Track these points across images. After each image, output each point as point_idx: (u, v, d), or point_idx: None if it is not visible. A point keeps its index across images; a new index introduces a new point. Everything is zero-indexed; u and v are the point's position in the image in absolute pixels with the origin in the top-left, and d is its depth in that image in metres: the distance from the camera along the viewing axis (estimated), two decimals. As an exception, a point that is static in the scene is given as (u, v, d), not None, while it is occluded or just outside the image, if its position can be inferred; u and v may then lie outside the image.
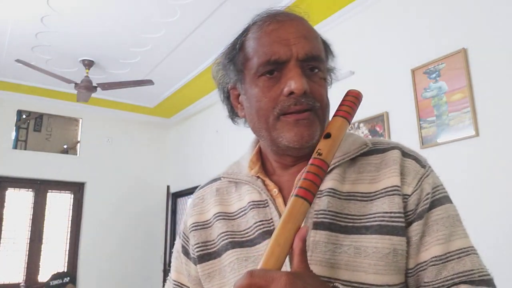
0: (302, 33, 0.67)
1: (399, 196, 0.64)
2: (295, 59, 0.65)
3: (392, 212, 0.63)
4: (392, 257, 0.61)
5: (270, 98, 0.65)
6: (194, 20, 3.39)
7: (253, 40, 0.69)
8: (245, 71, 0.69)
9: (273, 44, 0.65)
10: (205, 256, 0.72)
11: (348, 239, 0.62)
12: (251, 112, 0.69)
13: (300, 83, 0.63)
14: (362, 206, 0.65)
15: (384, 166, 0.67)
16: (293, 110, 0.64)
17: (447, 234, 0.63)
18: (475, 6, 2.34)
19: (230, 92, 0.75)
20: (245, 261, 0.67)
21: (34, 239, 4.84)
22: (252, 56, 0.67)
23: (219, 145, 4.69)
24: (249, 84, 0.68)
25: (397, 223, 0.62)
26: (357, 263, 0.61)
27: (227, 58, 0.73)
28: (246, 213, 0.71)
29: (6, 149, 4.79)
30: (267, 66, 0.65)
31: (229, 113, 0.79)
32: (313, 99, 0.65)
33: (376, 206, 0.64)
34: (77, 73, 4.22)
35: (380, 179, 0.66)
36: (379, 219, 0.63)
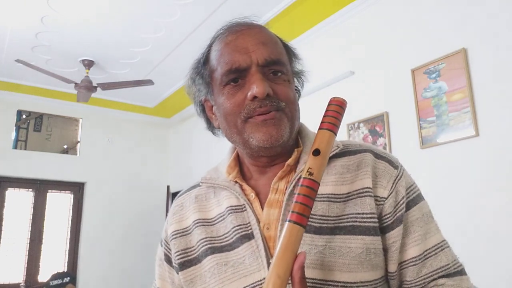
0: (260, 40, 0.69)
1: (371, 197, 0.66)
2: (255, 65, 0.67)
3: (364, 213, 0.65)
4: (365, 256, 0.63)
5: (235, 103, 0.68)
6: (194, 20, 3.39)
7: (215, 52, 0.72)
8: (212, 82, 0.72)
9: (232, 53, 0.68)
10: (186, 263, 0.73)
11: (322, 239, 0.64)
12: (222, 120, 0.72)
13: (261, 87, 0.65)
14: (335, 207, 0.66)
15: (356, 168, 0.69)
16: (258, 112, 0.66)
17: (423, 233, 0.67)
18: (475, 6, 2.34)
19: (205, 105, 0.78)
20: (224, 265, 0.68)
21: (34, 239, 4.84)
22: (216, 67, 0.70)
23: (219, 145, 4.68)
24: (217, 94, 0.71)
25: (369, 224, 0.64)
26: (331, 263, 0.63)
27: (195, 72, 0.76)
28: (224, 218, 0.73)
29: (6, 149, 4.79)
30: (230, 75, 0.68)
31: (207, 125, 0.82)
32: (278, 100, 0.67)
33: (349, 207, 0.66)
34: (77, 73, 4.22)
35: (352, 181, 0.68)
36: (352, 220, 0.65)
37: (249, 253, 0.67)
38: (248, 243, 0.68)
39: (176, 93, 4.92)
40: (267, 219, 0.69)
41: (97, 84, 4.04)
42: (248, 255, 0.67)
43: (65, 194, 5.20)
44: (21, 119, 5.02)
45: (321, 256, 0.63)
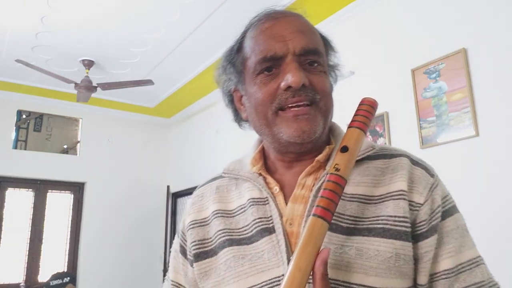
0: (297, 28, 0.67)
1: (405, 201, 0.62)
2: (292, 54, 0.64)
3: (396, 216, 0.62)
4: (394, 261, 0.60)
5: (267, 93, 0.65)
6: (194, 20, 3.39)
7: (250, 40, 0.69)
8: (244, 71, 0.70)
9: (268, 40, 0.66)
10: (202, 255, 0.71)
11: (350, 240, 0.61)
12: (251, 110, 0.69)
13: (297, 76, 0.62)
14: (365, 209, 0.63)
15: (391, 172, 0.66)
16: (291, 103, 0.64)
17: (457, 246, 0.63)
18: (475, 6, 2.34)
19: (233, 95, 0.75)
20: (241, 259, 0.65)
21: (34, 239, 4.84)
22: (250, 55, 0.68)
23: (219, 145, 4.69)
24: (249, 84, 0.68)
25: (400, 228, 0.61)
26: (358, 265, 0.59)
27: (227, 60, 0.73)
28: (245, 211, 0.70)
29: (6, 149, 4.79)
30: (264, 63, 0.65)
31: (234, 117, 0.79)
32: (313, 92, 0.65)
33: (380, 209, 0.63)
34: (77, 73, 4.22)
35: (386, 184, 0.65)
36: (383, 222, 0.62)
37: (269, 247, 0.64)
38: (268, 237, 0.65)
39: (176, 93, 4.92)
40: (290, 214, 0.66)
41: (97, 84, 4.04)
42: (267, 250, 0.64)
43: (65, 194, 5.20)
44: (21, 119, 5.02)
45: (347, 257, 0.60)
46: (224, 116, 0.81)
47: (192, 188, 5.19)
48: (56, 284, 4.53)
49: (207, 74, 4.35)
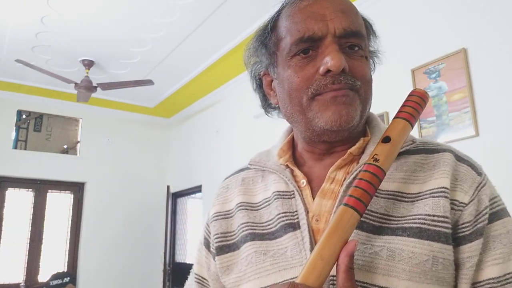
0: (339, 7, 0.60)
1: (447, 199, 0.56)
2: (332, 35, 0.59)
3: (435, 216, 0.55)
4: (430, 265, 0.53)
5: (304, 77, 0.59)
6: (194, 20, 3.39)
7: (285, 18, 0.63)
8: (277, 52, 0.64)
9: (307, 20, 0.59)
10: (224, 248, 0.67)
11: (381, 240, 0.55)
12: (284, 96, 0.63)
13: (337, 60, 0.57)
14: (402, 207, 0.57)
15: (432, 168, 0.60)
16: (330, 89, 0.58)
17: (506, 253, 0.55)
18: (475, 6, 2.34)
19: (263, 79, 0.70)
20: (263, 254, 0.61)
21: (34, 239, 4.84)
22: (285, 35, 0.62)
23: (219, 145, 4.69)
24: (282, 67, 0.63)
25: (440, 228, 0.55)
26: (389, 267, 0.53)
27: (258, 40, 0.67)
28: (270, 204, 0.66)
29: (6, 149, 4.79)
30: (301, 44, 0.59)
31: (261, 102, 0.73)
32: (353, 78, 0.59)
33: (418, 207, 0.57)
34: (77, 73, 4.22)
35: (426, 180, 0.59)
36: (420, 222, 0.55)
37: (292, 244, 0.60)
38: (292, 233, 0.61)
39: (176, 93, 4.92)
40: (317, 210, 0.61)
41: (97, 84, 4.04)
42: (290, 247, 0.60)
43: (65, 194, 5.20)
44: (21, 119, 5.02)
45: (377, 258, 0.54)
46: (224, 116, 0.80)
47: (192, 188, 5.20)
48: (56, 284, 4.53)
49: (207, 74, 4.35)
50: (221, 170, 4.53)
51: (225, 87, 4.64)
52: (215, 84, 4.63)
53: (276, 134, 0.79)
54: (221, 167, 4.53)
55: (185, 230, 5.55)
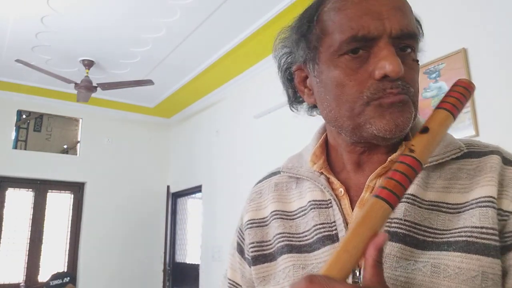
0: (396, 5, 0.55)
1: (494, 209, 0.51)
2: (387, 36, 0.54)
3: (483, 227, 0.50)
4: (480, 282, 0.49)
5: (358, 81, 0.54)
6: (194, 20, 3.39)
7: (334, 12, 0.56)
8: (320, 48, 0.58)
9: (361, 16, 0.54)
10: (260, 258, 0.64)
11: (425, 255, 0.52)
12: (328, 97, 0.58)
13: (396, 65, 0.52)
14: (447, 219, 0.53)
15: (478, 174, 0.55)
16: (388, 94, 0.54)
17: None
18: (475, 6, 2.34)
19: (295, 74, 0.64)
20: (302, 269, 0.59)
21: (34, 239, 4.84)
22: (333, 30, 0.56)
23: (219, 145, 4.69)
24: (326, 65, 0.57)
25: (489, 241, 0.50)
26: (434, 284, 0.50)
27: (298, 32, 0.61)
28: (306, 214, 0.62)
29: (6, 149, 4.79)
30: (353, 43, 0.54)
31: (289, 98, 0.68)
32: (408, 84, 0.56)
33: (464, 219, 0.52)
34: (77, 73, 4.22)
35: (472, 188, 0.54)
36: (467, 235, 0.51)
37: None
38: (330, 246, 0.57)
39: (176, 93, 4.92)
40: None
41: (97, 84, 4.04)
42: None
43: (65, 194, 5.20)
44: (21, 119, 5.02)
45: (420, 275, 0.50)
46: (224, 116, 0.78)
47: (192, 188, 5.21)
48: (56, 284, 4.53)
49: (207, 74, 4.35)
50: (221, 170, 4.53)
51: (225, 87, 4.64)
52: (215, 84, 4.63)
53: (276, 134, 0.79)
54: (221, 167, 4.53)
55: (185, 230, 5.55)
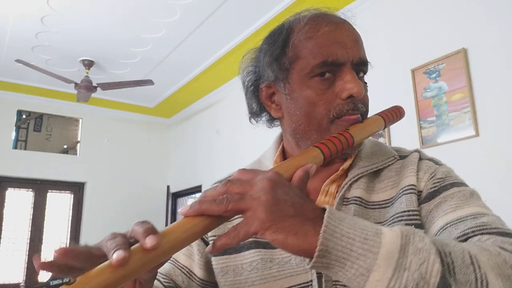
0: (355, 37, 0.67)
1: (415, 194, 0.62)
2: (350, 63, 0.64)
3: (410, 211, 0.61)
4: None
5: (326, 101, 0.64)
6: (194, 20, 3.39)
7: (307, 40, 0.66)
8: (292, 70, 0.66)
9: (331, 45, 0.64)
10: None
11: None
12: (298, 113, 0.66)
13: (360, 87, 0.63)
14: (385, 212, 0.63)
15: (403, 169, 0.66)
16: (350, 114, 0.64)
17: (458, 204, 0.59)
18: (475, 6, 2.34)
19: (262, 90, 0.72)
20: (270, 262, 0.65)
21: (34, 239, 4.84)
22: (306, 55, 0.65)
23: (219, 145, 4.69)
24: (298, 85, 0.66)
25: (415, 221, 0.60)
26: None
27: (271, 56, 0.69)
28: None
29: (6, 149, 4.79)
30: (323, 67, 0.64)
31: (250, 110, 0.76)
32: (364, 106, 0.66)
33: (395, 207, 0.63)
34: (77, 73, 4.22)
35: (399, 181, 0.65)
36: (397, 219, 0.61)
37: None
38: None
39: (176, 93, 4.92)
40: None
41: (97, 84, 4.04)
42: (294, 256, 0.63)
43: (65, 194, 5.20)
44: (21, 119, 5.02)
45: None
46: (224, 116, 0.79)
47: (192, 188, 5.20)
48: (56, 284, 4.52)
49: (207, 74, 4.35)
50: (221, 170, 4.52)
51: (225, 87, 4.64)
52: (215, 84, 4.63)
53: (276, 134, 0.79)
54: (221, 167, 4.53)
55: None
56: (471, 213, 0.56)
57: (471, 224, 0.54)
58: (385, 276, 0.41)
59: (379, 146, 0.74)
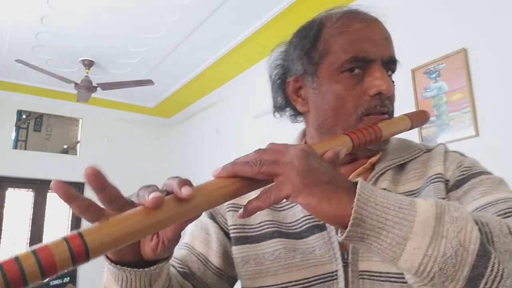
0: (386, 36, 0.69)
1: (443, 183, 0.62)
2: (380, 60, 0.65)
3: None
4: None
5: (354, 96, 0.64)
6: (194, 20, 3.39)
7: (338, 35, 0.66)
8: (321, 64, 0.67)
9: (362, 41, 0.65)
10: (242, 239, 0.70)
11: None
12: (325, 107, 0.67)
13: (388, 84, 0.64)
14: None
15: (430, 160, 0.67)
16: (378, 111, 0.65)
17: (487, 190, 0.58)
18: (475, 6, 2.34)
19: (289, 84, 0.72)
20: (292, 251, 0.65)
21: (34, 239, 4.84)
22: (336, 50, 0.65)
23: (219, 145, 4.69)
24: (327, 79, 0.66)
25: None
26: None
27: (301, 49, 0.69)
28: (293, 207, 0.69)
29: (6, 149, 4.79)
30: (353, 63, 0.64)
31: (275, 104, 0.76)
32: (391, 104, 0.68)
33: (422, 197, 0.62)
34: (77, 73, 4.22)
35: (426, 172, 0.65)
36: None
37: (321, 244, 0.63)
38: (319, 233, 0.64)
39: (176, 93, 4.92)
40: None
41: (97, 84, 4.04)
42: (319, 246, 0.63)
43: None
44: (21, 119, 5.02)
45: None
46: (224, 116, 0.79)
47: (192, 188, 5.20)
48: (56, 284, 4.53)
49: (207, 74, 4.35)
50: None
51: (225, 87, 4.64)
52: (215, 84, 4.63)
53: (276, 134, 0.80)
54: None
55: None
56: (502, 198, 0.56)
57: (502, 206, 0.54)
58: (423, 244, 0.40)
59: (405, 141, 0.74)
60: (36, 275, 0.34)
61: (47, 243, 0.37)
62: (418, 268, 0.40)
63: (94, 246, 0.38)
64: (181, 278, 0.69)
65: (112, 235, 0.39)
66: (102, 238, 0.38)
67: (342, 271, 0.60)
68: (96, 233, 0.39)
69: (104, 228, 0.39)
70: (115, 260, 0.52)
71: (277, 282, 0.64)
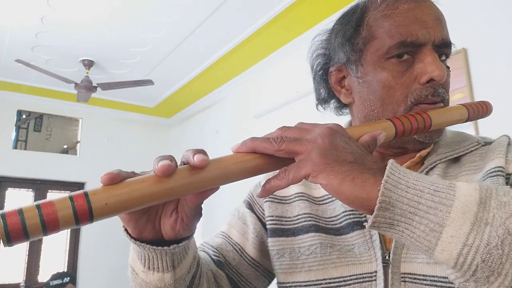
0: (437, 16, 0.62)
1: (503, 177, 0.54)
2: (431, 43, 0.60)
3: None
4: None
5: (403, 85, 0.59)
6: (194, 20, 3.39)
7: (383, 18, 0.60)
8: (366, 51, 0.61)
9: (410, 24, 0.58)
10: (277, 231, 0.66)
11: None
12: (371, 97, 0.61)
13: (442, 70, 0.58)
14: None
15: (489, 153, 0.59)
16: (430, 101, 0.59)
17: None
18: (475, 6, 2.34)
19: (332, 74, 0.67)
20: (329, 247, 0.61)
21: (34, 239, 4.84)
22: (381, 35, 0.59)
23: (219, 145, 4.69)
24: (372, 67, 0.60)
25: None
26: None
27: (343, 36, 0.63)
28: (333, 201, 0.65)
29: (6, 149, 4.79)
30: (401, 48, 0.58)
31: (318, 96, 0.71)
32: (446, 92, 0.62)
33: None
34: (77, 73, 4.22)
35: (485, 165, 0.58)
36: None
37: (360, 242, 0.59)
38: (360, 231, 0.60)
39: (176, 93, 4.92)
40: None
41: (97, 84, 4.04)
42: (358, 244, 0.59)
43: (65, 194, 5.18)
44: (21, 119, 5.02)
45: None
46: (224, 116, 0.79)
47: (192, 188, 5.20)
48: (56, 284, 4.53)
49: (207, 74, 4.35)
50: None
51: (225, 87, 4.64)
52: (215, 84, 4.63)
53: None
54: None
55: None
56: None
57: None
58: (461, 231, 0.35)
59: (462, 134, 0.67)
60: (37, 228, 0.34)
61: (52, 199, 0.37)
62: (457, 260, 0.35)
63: (98, 206, 0.37)
64: (214, 266, 0.66)
65: (118, 197, 0.38)
66: (107, 199, 0.38)
67: (382, 272, 0.56)
68: (101, 194, 0.38)
69: (111, 190, 0.38)
70: (136, 236, 0.51)
71: (311, 278, 0.61)
